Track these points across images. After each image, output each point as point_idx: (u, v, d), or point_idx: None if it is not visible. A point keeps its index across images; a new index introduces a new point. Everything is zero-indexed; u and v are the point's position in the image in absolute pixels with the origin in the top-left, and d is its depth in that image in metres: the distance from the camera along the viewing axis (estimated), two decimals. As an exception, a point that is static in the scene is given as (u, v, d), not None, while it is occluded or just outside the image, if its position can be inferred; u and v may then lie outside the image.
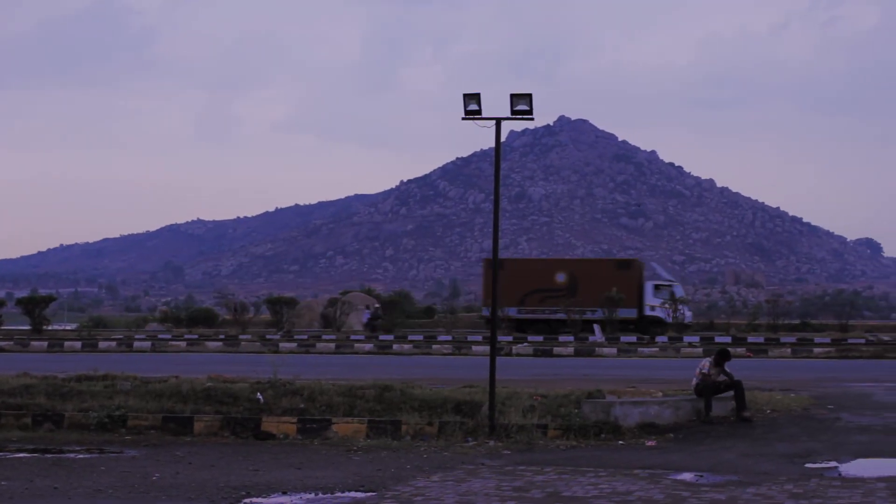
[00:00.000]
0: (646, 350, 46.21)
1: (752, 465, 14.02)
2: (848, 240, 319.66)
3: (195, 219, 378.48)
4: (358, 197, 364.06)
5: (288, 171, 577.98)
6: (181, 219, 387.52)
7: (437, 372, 30.59)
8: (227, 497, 12.16)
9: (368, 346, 49.31)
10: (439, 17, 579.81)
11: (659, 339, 54.34)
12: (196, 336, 58.45)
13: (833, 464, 14.04)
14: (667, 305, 62.82)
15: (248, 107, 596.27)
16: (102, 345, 50.52)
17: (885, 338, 55.54)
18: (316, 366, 32.48)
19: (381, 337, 57.21)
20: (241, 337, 56.55)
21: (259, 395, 19.60)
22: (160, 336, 58.80)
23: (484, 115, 18.14)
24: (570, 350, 46.08)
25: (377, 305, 73.65)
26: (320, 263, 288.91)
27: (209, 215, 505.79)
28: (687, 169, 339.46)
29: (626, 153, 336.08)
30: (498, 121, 18.30)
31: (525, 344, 49.21)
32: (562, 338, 55.45)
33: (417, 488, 12.39)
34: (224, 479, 13.37)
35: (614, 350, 46.11)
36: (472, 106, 17.87)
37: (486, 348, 19.07)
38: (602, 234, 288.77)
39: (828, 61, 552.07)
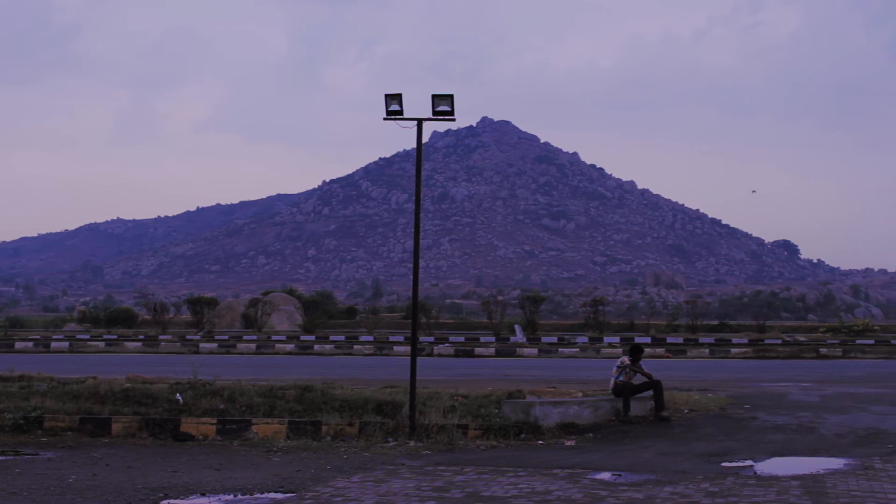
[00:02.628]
0: (566, 350, 46.53)
1: (670, 464, 14.13)
2: (766, 242, 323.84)
3: (115, 218, 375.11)
4: (280, 196, 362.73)
5: (210, 171, 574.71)
6: (101, 218, 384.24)
7: (358, 372, 30.60)
8: (145, 499, 12.04)
9: (290, 347, 49.19)
10: (365, 18, 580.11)
11: (579, 339, 54.71)
12: (115, 336, 57.86)
13: (749, 462, 14.20)
14: None
15: (171, 105, 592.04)
16: (19, 345, 49.93)
17: (802, 338, 56.40)
18: (236, 366, 32.41)
19: (302, 337, 57.09)
20: (160, 337, 56.14)
21: (178, 396, 19.43)
22: (78, 336, 58.14)
23: (406, 115, 18.10)
24: (492, 350, 46.26)
25: None
26: (242, 263, 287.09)
27: (129, 214, 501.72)
28: (609, 171, 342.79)
29: (548, 154, 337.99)
30: (419, 121, 18.28)
31: (447, 344, 49.32)
32: (483, 338, 55.62)
33: (337, 489, 12.36)
34: (142, 481, 13.24)
35: (535, 350, 46.38)
36: (393, 106, 17.85)
37: (408, 348, 19.06)
38: (524, 234, 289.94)
39: (749, 65, 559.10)
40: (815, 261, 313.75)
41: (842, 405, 20.83)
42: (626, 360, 19.66)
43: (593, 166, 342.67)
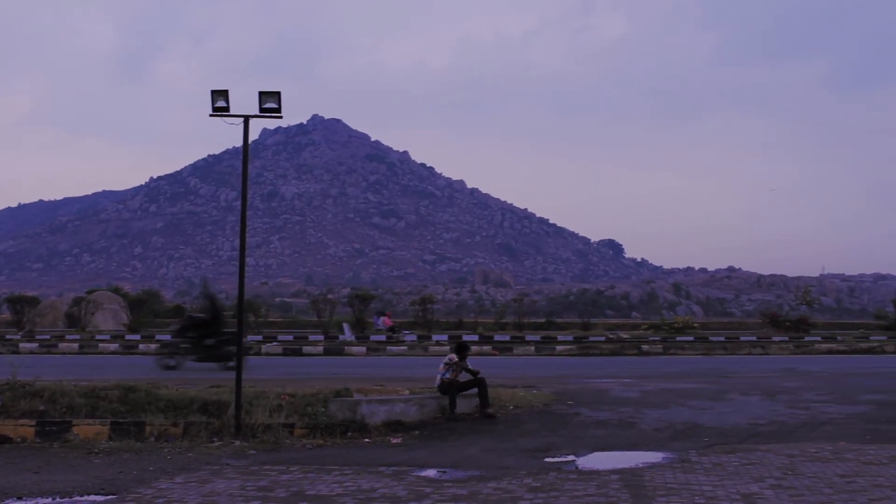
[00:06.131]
0: (395, 349, 46.61)
1: (494, 461, 14.30)
2: (592, 241, 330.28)
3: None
4: (106, 193, 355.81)
5: (32, 166, 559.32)
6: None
7: (185, 372, 30.19)
8: (-42, 503, 11.71)
9: (114, 346, 48.17)
10: (196, 12, 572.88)
11: (408, 337, 54.91)
12: (-71, 337, 55.86)
13: (571, 457, 14.47)
14: None
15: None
16: None
17: (625, 336, 57.53)
18: (58, 366, 31.58)
19: (128, 336, 56.07)
20: (-22, 337, 54.41)
21: (-4, 398, 18.90)
22: None
23: (233, 112, 17.90)
24: (320, 349, 46.08)
25: None
26: (66, 261, 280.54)
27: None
28: (438, 170, 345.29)
29: (378, 153, 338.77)
30: (246, 118, 18.09)
31: (275, 343, 48.99)
32: (312, 336, 55.45)
33: (160, 490, 12.20)
34: (-45, 485, 12.85)
35: (363, 349, 46.32)
36: (220, 103, 17.64)
37: (235, 348, 18.90)
38: (354, 233, 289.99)
39: (579, 67, 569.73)
40: (638, 260, 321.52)
41: (661, 400, 21.36)
42: (453, 357, 19.83)
43: (423, 165, 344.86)
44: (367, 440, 16.91)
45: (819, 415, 19.12)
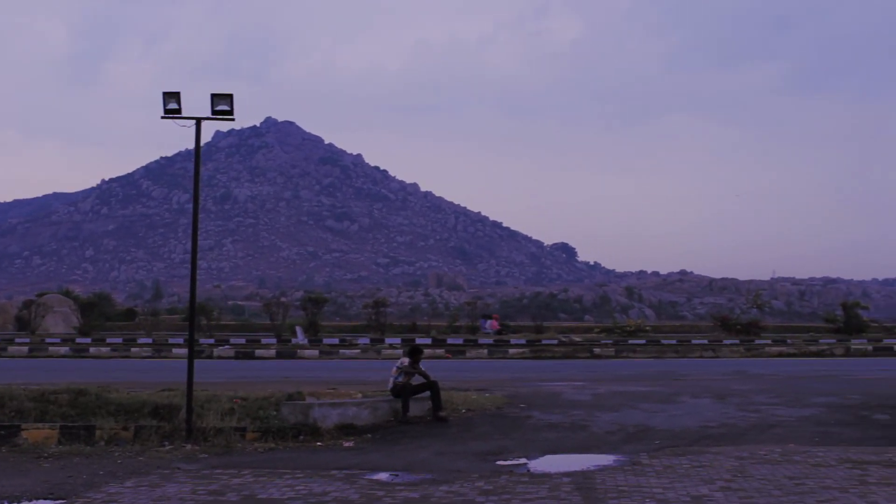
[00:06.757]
0: (347, 352, 46.52)
1: (447, 464, 14.31)
2: (545, 244, 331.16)
3: None
4: (57, 195, 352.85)
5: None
6: None
7: (136, 375, 30.02)
8: None
9: (64, 350, 47.82)
10: (150, 13, 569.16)
11: (361, 340, 54.85)
12: None
13: (523, 460, 14.50)
14: None
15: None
16: None
17: (577, 339, 57.69)
18: (7, 370, 31.42)
19: (78, 339, 55.63)
20: (-74, 341, 53.81)
21: (-57, 402, 18.72)
22: None
23: (185, 114, 17.79)
24: (273, 352, 45.95)
25: None
26: (16, 264, 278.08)
27: None
28: (392, 173, 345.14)
29: (332, 156, 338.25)
30: (198, 120, 18.01)
31: (227, 346, 48.79)
32: (265, 340, 55.27)
33: (109, 494, 12.11)
34: None
35: (316, 352, 46.25)
36: (171, 105, 17.54)
37: (187, 351, 18.81)
38: (308, 236, 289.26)
39: (533, 70, 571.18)
40: (591, 263, 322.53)
41: (613, 403, 21.45)
42: (405, 361, 19.84)
43: (377, 168, 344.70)
44: (319, 444, 16.86)
45: (769, 417, 19.27)
